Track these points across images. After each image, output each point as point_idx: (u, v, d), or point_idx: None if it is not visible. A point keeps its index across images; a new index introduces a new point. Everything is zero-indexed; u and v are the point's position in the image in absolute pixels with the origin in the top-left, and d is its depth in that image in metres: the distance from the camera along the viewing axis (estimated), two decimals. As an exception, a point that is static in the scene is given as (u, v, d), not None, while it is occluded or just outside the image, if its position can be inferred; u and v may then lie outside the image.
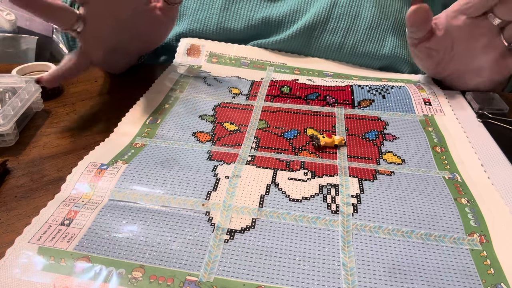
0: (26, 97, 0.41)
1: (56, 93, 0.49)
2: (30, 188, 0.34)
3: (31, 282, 0.25)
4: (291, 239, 0.28)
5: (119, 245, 0.27)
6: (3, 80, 0.43)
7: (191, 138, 0.39)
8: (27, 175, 0.35)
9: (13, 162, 0.37)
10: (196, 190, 0.32)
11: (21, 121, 0.42)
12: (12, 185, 0.34)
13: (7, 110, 0.38)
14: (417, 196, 0.31)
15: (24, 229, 0.28)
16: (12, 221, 0.30)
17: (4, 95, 0.43)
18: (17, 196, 0.33)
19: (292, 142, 0.39)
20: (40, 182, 0.34)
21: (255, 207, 0.30)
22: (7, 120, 0.38)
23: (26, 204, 0.32)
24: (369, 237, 0.28)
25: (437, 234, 0.28)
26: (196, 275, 0.26)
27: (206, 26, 0.55)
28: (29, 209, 0.31)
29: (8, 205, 0.32)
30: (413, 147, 0.38)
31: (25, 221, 0.30)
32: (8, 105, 0.38)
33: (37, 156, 0.38)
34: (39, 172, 0.35)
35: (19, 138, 0.40)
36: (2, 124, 0.37)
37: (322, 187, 0.32)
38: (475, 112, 0.44)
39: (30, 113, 0.44)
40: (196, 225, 0.29)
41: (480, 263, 0.27)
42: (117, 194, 0.31)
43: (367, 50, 0.53)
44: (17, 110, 0.39)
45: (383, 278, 0.26)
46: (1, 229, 0.30)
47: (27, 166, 0.36)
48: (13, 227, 0.30)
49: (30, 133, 0.41)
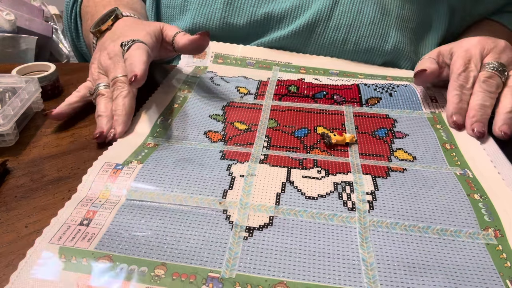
0: (26, 97, 0.41)
1: (56, 93, 0.48)
2: (30, 188, 0.34)
3: (54, 282, 0.25)
4: (310, 236, 0.28)
5: (140, 244, 0.27)
6: (3, 80, 0.43)
7: (203, 137, 0.39)
8: (27, 175, 0.35)
9: (13, 162, 0.37)
10: (212, 189, 0.32)
11: (21, 121, 0.42)
12: (12, 185, 0.34)
13: (7, 110, 0.38)
14: (430, 192, 0.32)
15: (44, 230, 0.28)
16: (12, 221, 0.30)
17: (4, 95, 0.42)
18: (17, 196, 0.33)
19: (303, 141, 0.39)
20: (40, 182, 0.34)
21: (272, 205, 0.31)
22: (7, 120, 0.37)
23: (26, 204, 0.32)
24: (386, 233, 0.29)
25: (453, 229, 0.29)
26: (218, 272, 0.26)
27: (209, 21, 0.55)
28: (29, 209, 0.31)
29: (8, 205, 0.32)
30: (423, 144, 0.38)
31: (25, 221, 0.30)
32: (8, 105, 0.38)
33: (37, 156, 0.38)
34: (39, 172, 0.35)
35: (19, 138, 0.40)
36: (2, 124, 0.37)
37: (336, 184, 0.33)
38: None
39: (30, 113, 0.44)
40: (215, 223, 0.29)
41: (496, 257, 0.27)
42: (134, 193, 0.31)
43: (370, 46, 0.54)
44: (17, 110, 0.39)
45: (403, 273, 0.26)
46: (1, 229, 0.30)
47: (27, 166, 0.36)
48: (13, 227, 0.30)
49: (30, 133, 0.41)
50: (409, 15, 0.54)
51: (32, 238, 0.28)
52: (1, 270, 0.26)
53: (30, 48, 0.87)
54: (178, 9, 0.57)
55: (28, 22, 0.90)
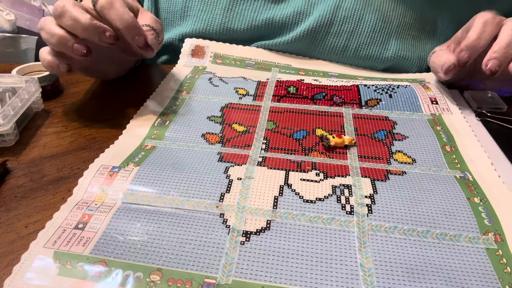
0: (26, 97, 0.41)
1: (56, 93, 0.48)
2: (30, 188, 0.34)
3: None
4: (307, 240, 0.28)
5: (135, 248, 0.27)
6: (3, 80, 0.43)
7: (200, 139, 0.39)
8: (27, 175, 0.35)
9: (13, 162, 0.37)
10: (209, 192, 0.32)
11: (21, 121, 0.42)
12: (12, 185, 0.34)
13: (7, 110, 0.38)
14: (430, 196, 0.31)
15: (39, 234, 0.28)
16: (12, 221, 0.30)
17: (4, 95, 0.42)
18: (17, 196, 0.33)
19: (302, 143, 0.39)
20: (40, 182, 0.34)
21: (269, 208, 0.30)
22: (7, 120, 0.37)
23: (26, 204, 0.32)
24: (385, 237, 0.28)
25: (452, 233, 0.29)
26: (214, 278, 0.26)
27: (210, 27, 0.55)
28: (29, 209, 0.31)
29: (8, 205, 0.32)
30: (423, 146, 0.38)
31: (25, 221, 0.30)
32: (8, 105, 0.38)
33: (37, 156, 0.37)
34: (39, 172, 0.35)
35: (19, 138, 0.40)
36: (2, 124, 0.37)
37: (335, 187, 0.32)
38: (474, 111, 0.45)
39: (30, 113, 0.44)
40: (211, 227, 0.29)
41: (496, 262, 0.27)
42: (130, 196, 0.31)
43: (371, 53, 0.53)
44: (17, 110, 0.39)
45: (401, 279, 0.26)
46: (1, 229, 0.30)
47: (27, 166, 0.36)
48: (13, 227, 0.30)
49: (30, 133, 0.41)
50: (411, 23, 0.54)
51: (32, 238, 0.28)
52: (1, 270, 0.26)
53: (30, 48, 0.87)
54: (178, 15, 0.57)
55: (28, 22, 0.90)
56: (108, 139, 0.40)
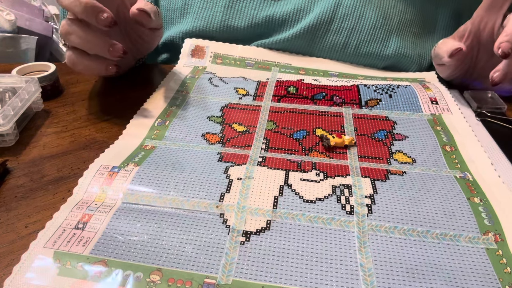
0: (26, 97, 0.41)
1: (56, 93, 0.48)
2: (30, 188, 0.34)
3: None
4: (307, 240, 0.28)
5: (135, 248, 0.27)
6: (3, 80, 0.43)
7: (200, 139, 0.39)
8: (27, 175, 0.35)
9: (13, 162, 0.37)
10: (209, 192, 0.32)
11: (21, 121, 0.42)
12: (12, 185, 0.34)
13: (7, 110, 0.38)
14: (430, 196, 0.31)
15: (38, 234, 0.28)
16: (12, 221, 0.30)
17: (4, 95, 0.42)
18: (17, 196, 0.33)
19: (302, 143, 0.39)
20: (40, 182, 0.34)
21: (269, 208, 0.30)
22: (7, 120, 0.37)
23: (26, 204, 0.32)
24: (385, 237, 0.28)
25: (452, 233, 0.29)
26: (214, 278, 0.26)
27: (210, 24, 0.55)
28: (29, 209, 0.31)
29: (8, 205, 0.32)
30: (423, 146, 0.38)
31: (25, 221, 0.30)
32: (8, 105, 0.38)
33: (37, 156, 0.37)
34: (39, 172, 0.35)
35: (19, 138, 0.40)
36: (2, 124, 0.37)
37: (335, 187, 0.32)
38: (474, 111, 0.45)
39: (30, 113, 0.44)
40: (211, 227, 0.29)
41: (496, 262, 0.27)
42: (130, 197, 0.31)
43: (371, 50, 0.53)
44: (17, 110, 0.39)
45: (401, 279, 0.26)
46: (1, 229, 0.30)
47: (27, 166, 0.36)
48: (13, 227, 0.30)
49: (30, 133, 0.41)
50: (411, 20, 0.54)
51: (32, 238, 0.28)
52: (1, 270, 0.26)
53: (30, 48, 0.87)
54: (178, 12, 0.57)
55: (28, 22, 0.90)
56: (108, 139, 0.40)
